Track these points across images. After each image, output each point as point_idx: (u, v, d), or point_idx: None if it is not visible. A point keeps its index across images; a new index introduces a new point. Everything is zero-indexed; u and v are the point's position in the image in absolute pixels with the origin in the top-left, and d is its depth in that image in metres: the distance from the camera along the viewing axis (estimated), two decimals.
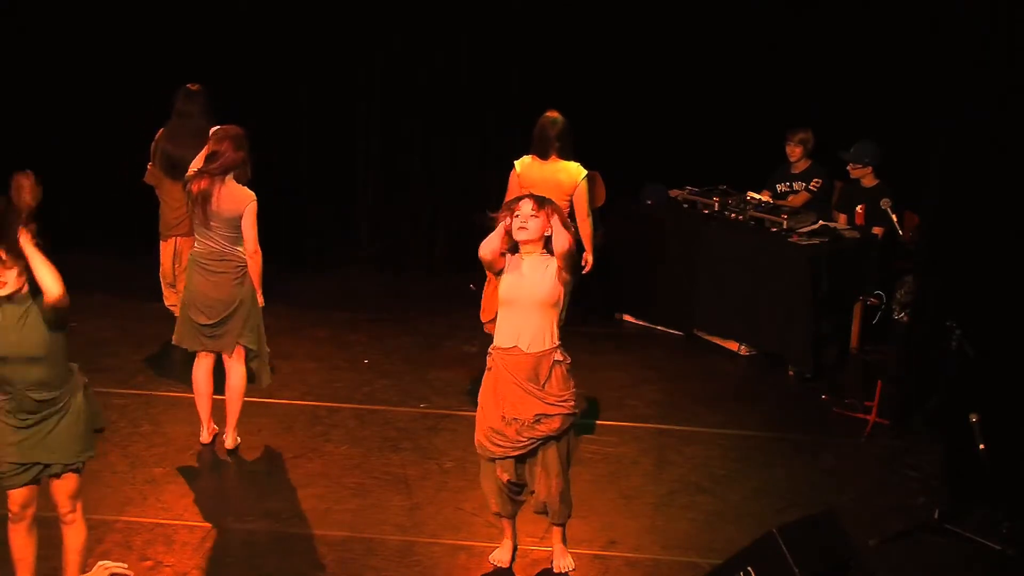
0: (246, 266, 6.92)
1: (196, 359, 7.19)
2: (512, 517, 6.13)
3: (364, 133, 10.55)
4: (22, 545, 5.38)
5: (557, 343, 5.82)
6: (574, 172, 7.57)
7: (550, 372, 5.79)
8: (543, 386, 5.78)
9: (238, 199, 6.80)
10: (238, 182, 6.84)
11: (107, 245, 10.31)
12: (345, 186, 10.66)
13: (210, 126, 8.15)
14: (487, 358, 5.88)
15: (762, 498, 6.94)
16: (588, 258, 7.57)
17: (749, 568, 5.40)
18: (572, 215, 7.72)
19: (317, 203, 10.58)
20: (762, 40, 9.88)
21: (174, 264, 8.60)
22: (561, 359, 5.83)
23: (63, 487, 5.37)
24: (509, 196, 7.62)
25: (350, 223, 10.74)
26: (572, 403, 5.87)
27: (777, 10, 9.82)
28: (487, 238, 5.80)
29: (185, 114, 8.27)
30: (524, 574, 6.18)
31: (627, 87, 10.17)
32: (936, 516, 6.50)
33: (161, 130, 8.39)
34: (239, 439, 7.28)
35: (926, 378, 7.39)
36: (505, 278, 5.81)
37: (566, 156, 7.59)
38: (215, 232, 6.86)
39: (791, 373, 8.61)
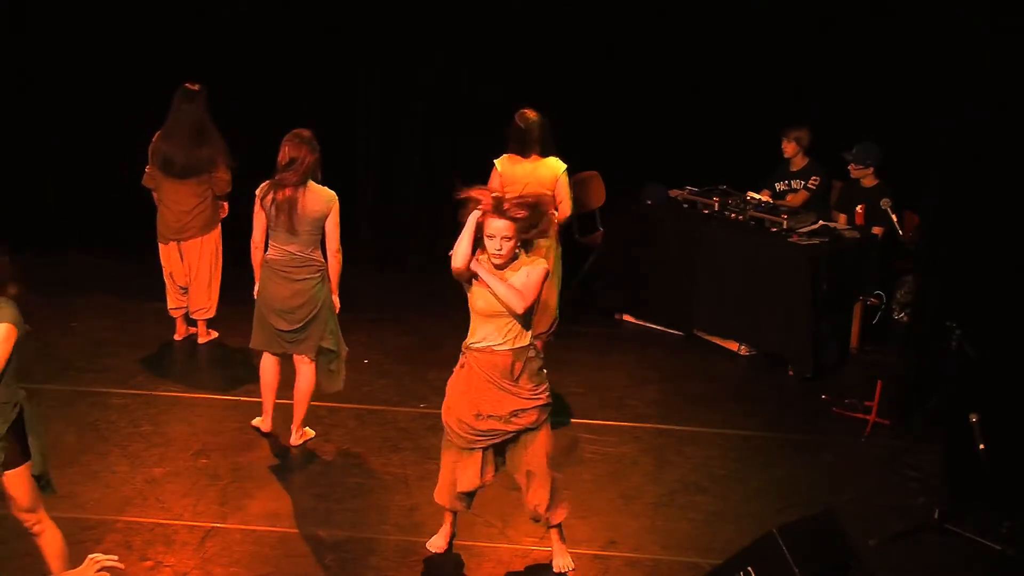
0: (324, 269, 7.03)
1: (264, 353, 7.28)
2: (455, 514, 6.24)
3: (364, 133, 10.55)
4: None
5: (529, 340, 5.87)
6: (554, 166, 7.68)
7: (523, 368, 5.84)
8: (517, 381, 5.83)
9: (324, 200, 6.93)
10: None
11: (107, 245, 10.30)
12: (345, 186, 10.62)
13: (208, 125, 8.20)
14: (460, 355, 5.94)
15: (762, 498, 6.94)
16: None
17: (749, 568, 5.40)
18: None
19: None
20: (762, 40, 9.88)
21: (183, 267, 8.56)
22: (533, 355, 5.88)
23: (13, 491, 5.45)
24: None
25: (350, 223, 10.72)
26: (546, 396, 5.94)
27: (777, 10, 9.82)
28: (457, 245, 5.77)
29: (183, 112, 8.21)
30: (524, 574, 6.18)
31: (628, 87, 10.18)
32: (936, 516, 6.51)
33: (159, 132, 8.35)
34: (305, 432, 7.38)
35: (926, 378, 7.39)
36: (479, 292, 5.81)
37: (546, 152, 7.71)
38: (300, 238, 6.93)
39: (791, 373, 8.61)
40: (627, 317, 9.55)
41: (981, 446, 6.16)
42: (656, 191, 9.45)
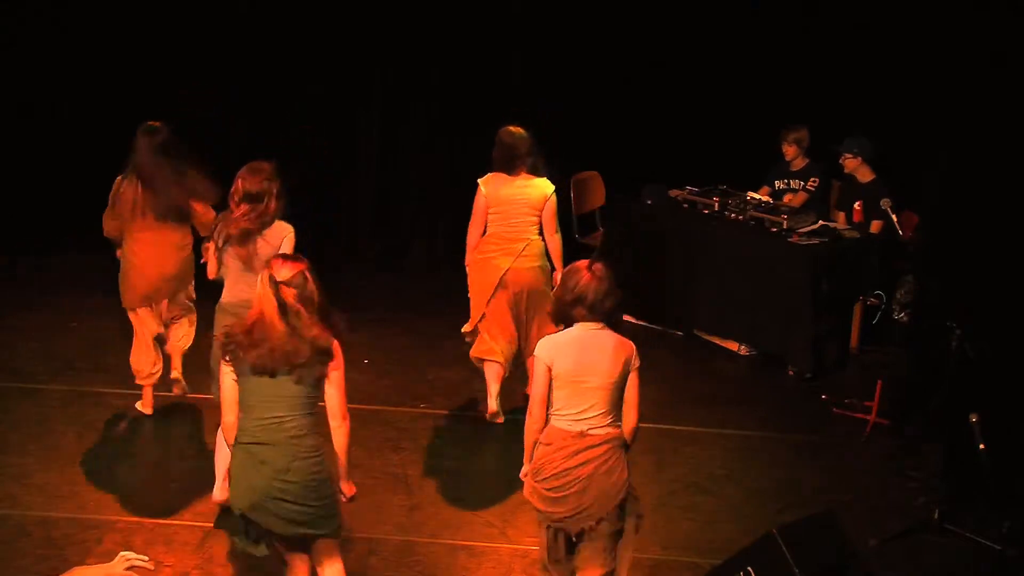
0: None
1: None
2: None
3: (365, 133, 10.55)
4: None
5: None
6: (544, 187, 7.38)
7: None
8: None
9: (279, 233, 6.29)
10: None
11: (107, 245, 10.27)
12: (345, 186, 10.66)
13: (180, 162, 7.20)
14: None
15: (762, 498, 6.94)
16: (557, 277, 7.21)
17: (749, 568, 5.40)
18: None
19: (317, 203, 10.57)
20: (762, 39, 9.89)
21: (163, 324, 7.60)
22: None
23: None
24: (476, 216, 7.41)
25: (350, 223, 10.74)
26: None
27: (778, 9, 9.83)
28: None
29: (152, 151, 7.18)
30: (524, 574, 6.18)
31: (627, 87, 10.18)
32: (936, 516, 6.51)
33: (122, 178, 7.24)
34: None
35: (926, 378, 7.40)
36: None
37: (535, 171, 7.40)
38: (257, 275, 6.13)
39: (791, 373, 8.61)
40: (627, 317, 9.44)
41: (981, 446, 6.15)
42: (656, 191, 9.44)
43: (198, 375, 8.39)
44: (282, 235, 6.30)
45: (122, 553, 4.44)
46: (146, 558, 4.44)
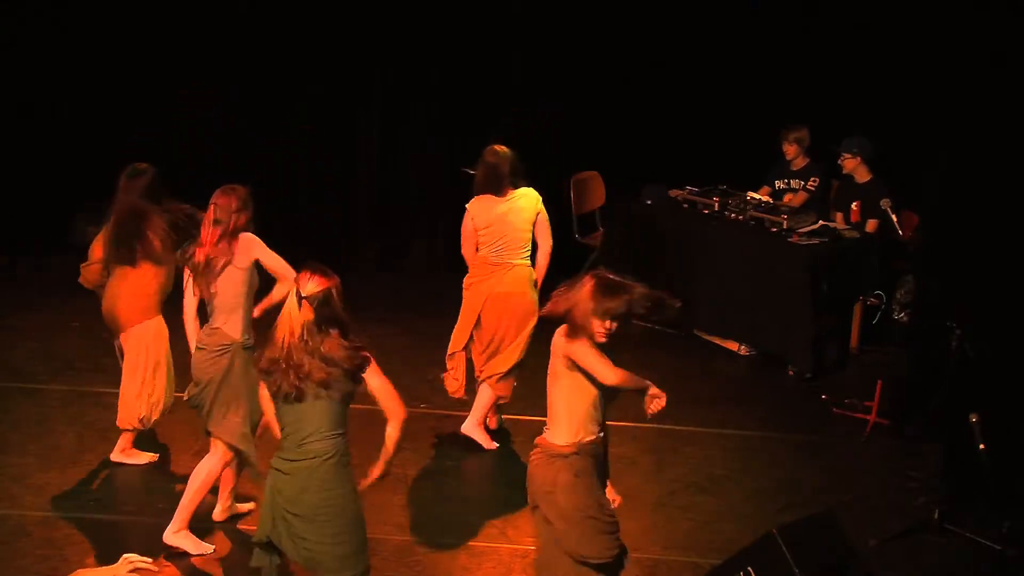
0: (228, 345, 6.06)
1: None
2: None
3: (365, 133, 10.55)
4: None
5: None
6: (533, 198, 7.26)
7: None
8: None
9: (246, 254, 6.06)
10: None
11: None
12: (345, 186, 10.66)
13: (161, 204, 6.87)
14: (573, 459, 5.29)
15: (762, 498, 6.94)
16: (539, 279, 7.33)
17: (749, 568, 5.41)
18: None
19: (317, 203, 10.58)
20: (762, 39, 9.89)
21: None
22: None
23: None
24: (466, 240, 7.29)
25: (350, 223, 10.74)
26: None
27: (778, 9, 9.84)
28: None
29: (139, 195, 6.86)
30: (524, 574, 6.18)
31: (627, 87, 10.18)
32: (936, 516, 6.51)
33: (106, 230, 7.03)
34: (234, 507, 6.63)
35: (926, 378, 7.40)
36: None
37: (518, 185, 7.27)
38: (215, 298, 6.08)
39: (791, 373, 8.62)
40: None
41: (981, 446, 6.16)
42: (656, 191, 9.45)
43: None
44: (250, 255, 6.04)
45: (125, 555, 4.44)
46: (150, 560, 4.45)
